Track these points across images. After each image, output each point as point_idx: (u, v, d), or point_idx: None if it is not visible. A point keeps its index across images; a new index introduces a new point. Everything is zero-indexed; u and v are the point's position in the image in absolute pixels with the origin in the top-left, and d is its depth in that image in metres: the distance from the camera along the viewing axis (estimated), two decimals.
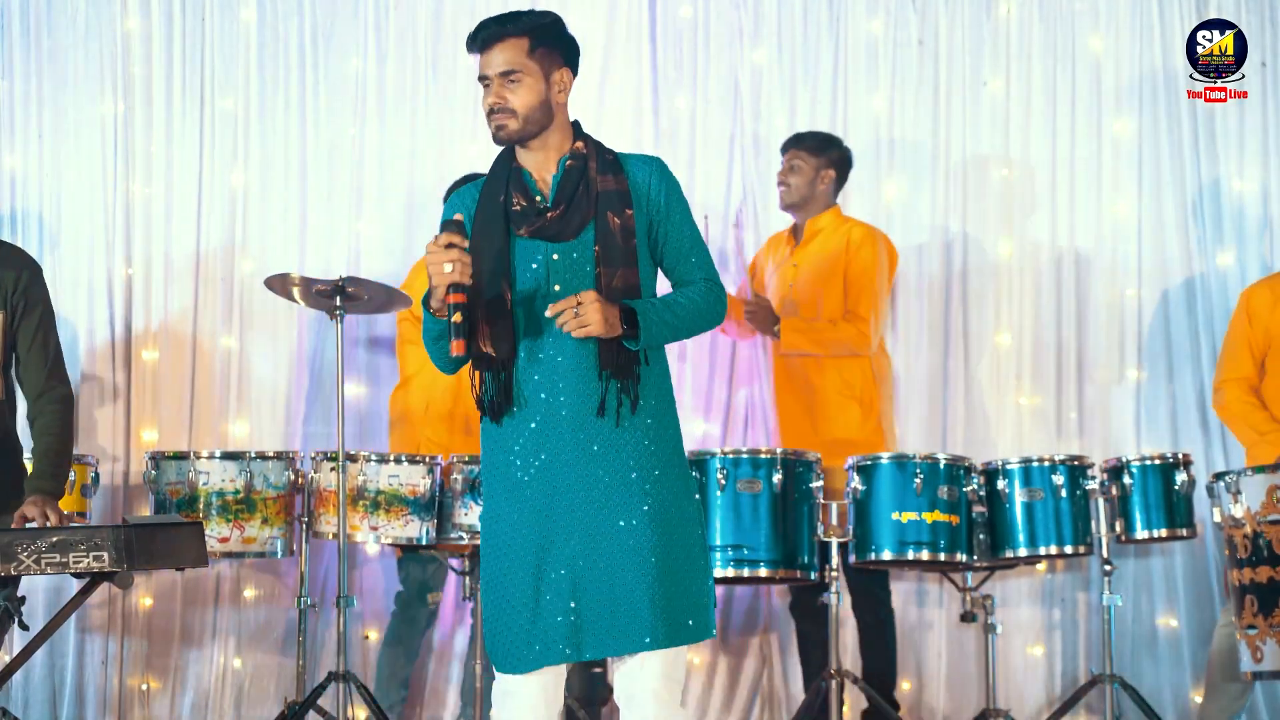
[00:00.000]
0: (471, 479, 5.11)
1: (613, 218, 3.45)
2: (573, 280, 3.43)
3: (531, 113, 3.49)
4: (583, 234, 3.46)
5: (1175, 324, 6.21)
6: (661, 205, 3.52)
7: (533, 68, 3.49)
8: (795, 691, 5.98)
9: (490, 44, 3.48)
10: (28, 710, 5.98)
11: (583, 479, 3.39)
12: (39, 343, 4.19)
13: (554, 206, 3.46)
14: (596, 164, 3.50)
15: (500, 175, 3.53)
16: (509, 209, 3.47)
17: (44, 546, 3.74)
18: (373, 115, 6.34)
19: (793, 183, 5.75)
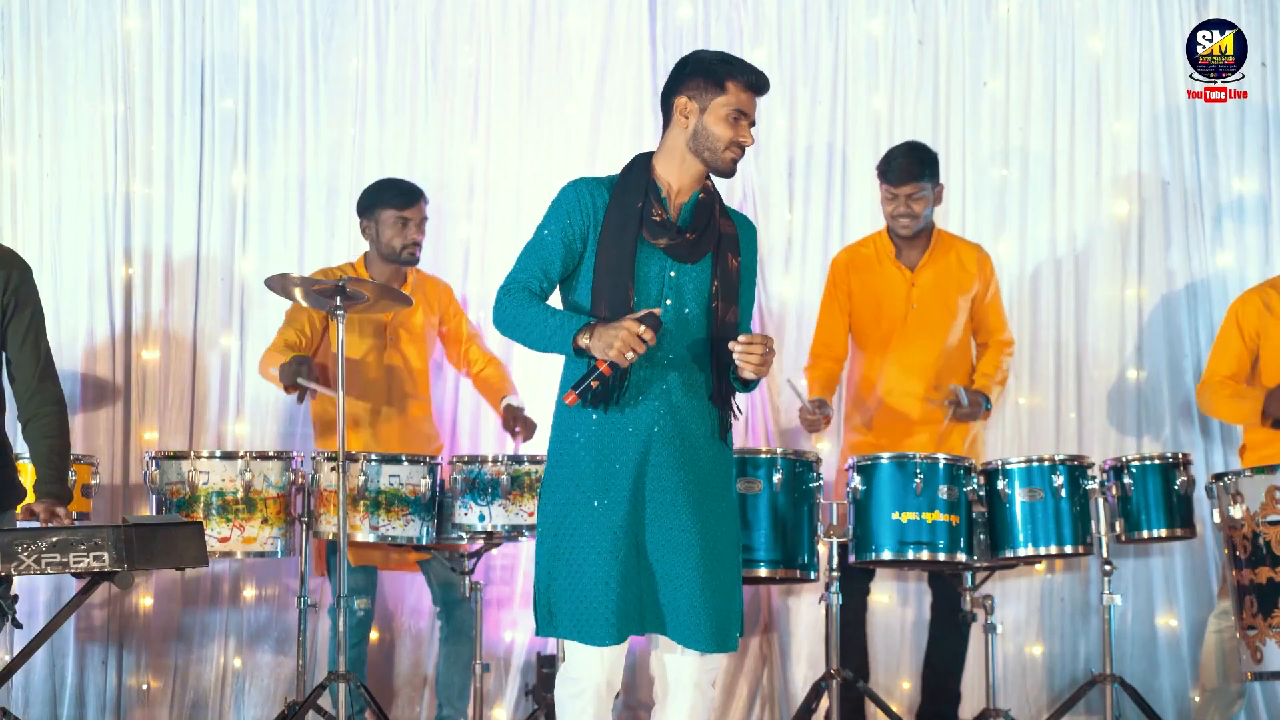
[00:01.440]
0: (471, 479, 5.11)
1: (731, 259, 3.77)
2: (682, 300, 3.72)
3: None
4: (700, 263, 3.75)
5: (1175, 324, 6.22)
6: (746, 267, 3.83)
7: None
8: (795, 691, 5.99)
9: (762, 93, 3.79)
10: (28, 710, 5.98)
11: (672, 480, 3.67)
12: (30, 344, 4.18)
13: (691, 230, 3.74)
14: (720, 207, 3.82)
15: (637, 183, 3.77)
16: (647, 216, 3.71)
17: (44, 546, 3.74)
18: (373, 115, 6.34)
19: (920, 211, 5.59)
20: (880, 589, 6.10)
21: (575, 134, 6.29)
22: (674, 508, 3.66)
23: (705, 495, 3.70)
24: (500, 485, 5.06)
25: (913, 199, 5.58)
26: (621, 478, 3.66)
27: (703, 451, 3.73)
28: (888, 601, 6.12)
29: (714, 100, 3.73)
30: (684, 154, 3.77)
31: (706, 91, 3.74)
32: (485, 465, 5.10)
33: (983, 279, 5.68)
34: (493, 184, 6.31)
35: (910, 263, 5.64)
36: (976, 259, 5.70)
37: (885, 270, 5.67)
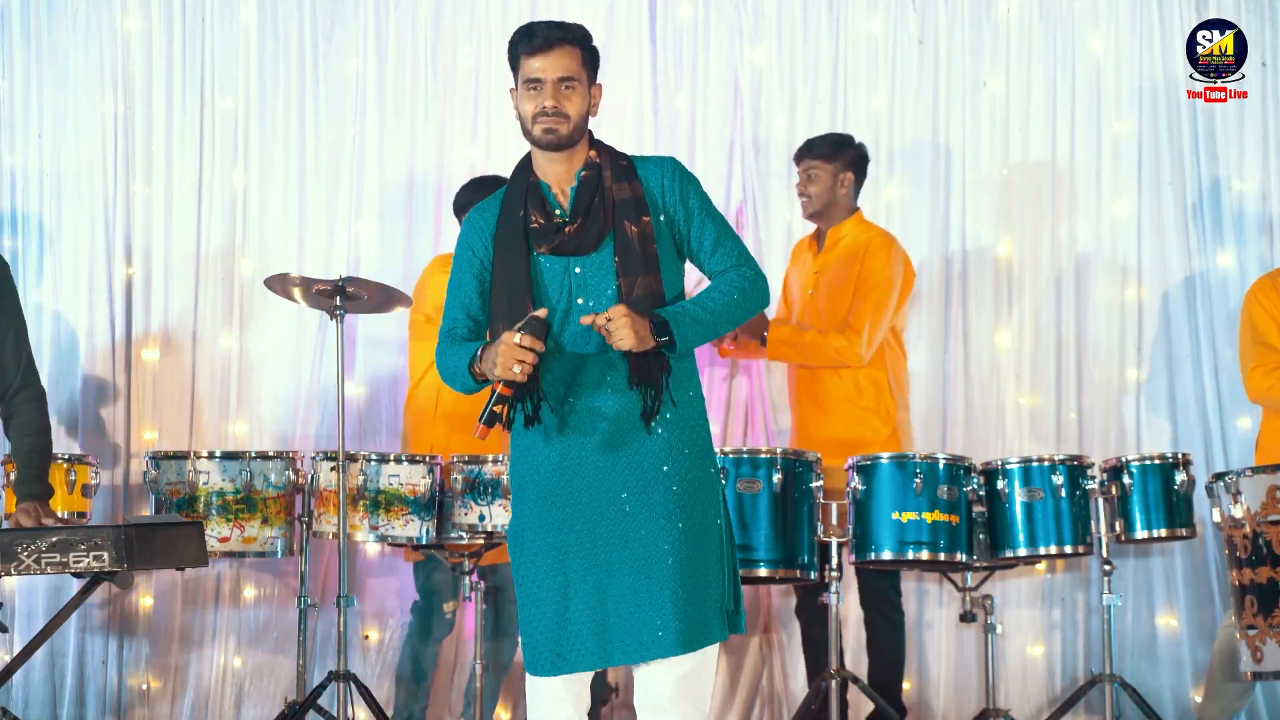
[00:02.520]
0: (471, 479, 5.11)
1: (629, 226, 3.47)
2: (596, 292, 3.47)
3: (580, 121, 3.54)
4: (603, 245, 3.49)
5: (1175, 324, 6.21)
6: (679, 205, 3.55)
7: (584, 78, 3.54)
8: (795, 691, 5.98)
9: (550, 47, 3.50)
10: (28, 710, 5.98)
11: (608, 485, 3.46)
12: (11, 342, 4.18)
13: (571, 220, 3.50)
14: (611, 172, 3.53)
15: (518, 191, 3.57)
16: (528, 226, 3.51)
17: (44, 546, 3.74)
18: (373, 115, 6.34)
19: (813, 192, 5.62)
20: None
21: None
22: (612, 513, 3.44)
23: (643, 491, 3.44)
24: (500, 485, 5.06)
25: (807, 177, 5.63)
26: (550, 495, 3.47)
27: (636, 444, 3.46)
28: None
29: (518, 81, 3.57)
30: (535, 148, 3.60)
31: (515, 79, 3.58)
32: (485, 465, 5.10)
33: (865, 264, 5.55)
34: None
35: (819, 248, 5.71)
36: (870, 245, 5.59)
37: (803, 255, 5.77)
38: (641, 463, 3.47)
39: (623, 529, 3.44)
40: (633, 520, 3.44)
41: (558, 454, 3.48)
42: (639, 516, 3.44)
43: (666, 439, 3.48)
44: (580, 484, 3.47)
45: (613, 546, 3.44)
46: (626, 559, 3.42)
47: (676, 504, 3.45)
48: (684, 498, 3.47)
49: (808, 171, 5.64)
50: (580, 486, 3.47)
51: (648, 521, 3.44)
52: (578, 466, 3.47)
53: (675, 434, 3.49)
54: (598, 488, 3.46)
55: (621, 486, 3.45)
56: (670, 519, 3.44)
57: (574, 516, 3.46)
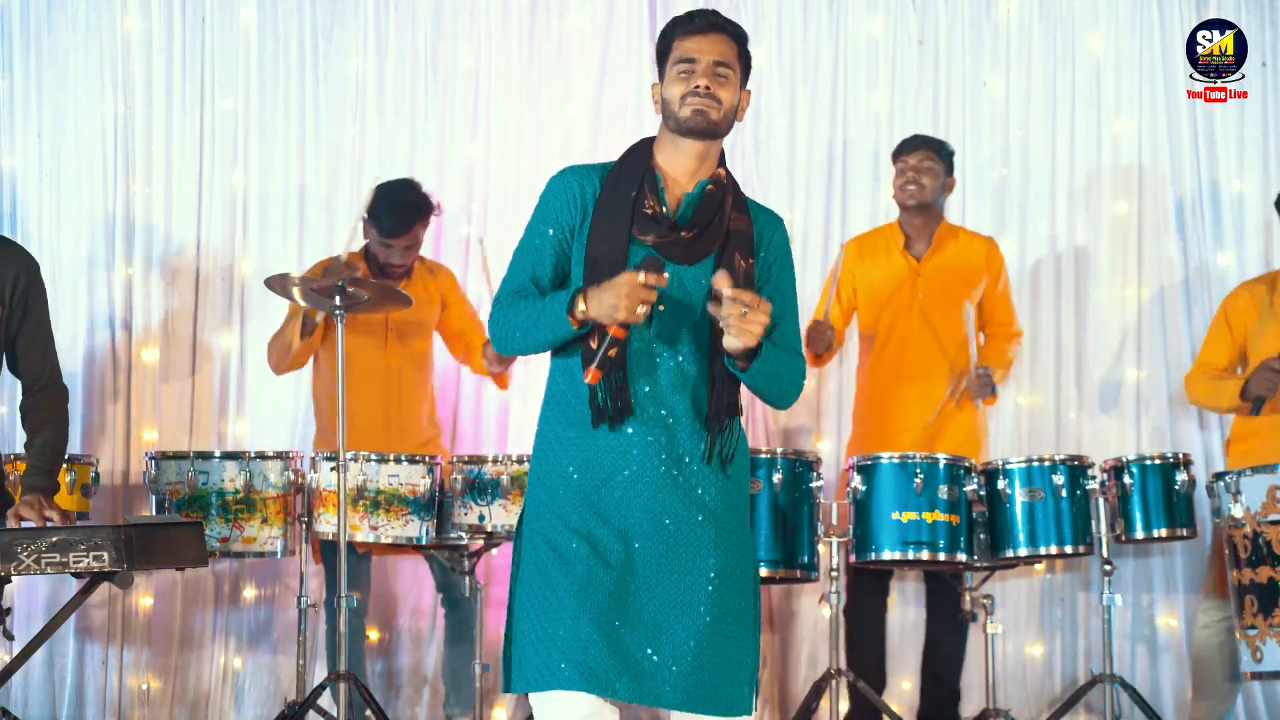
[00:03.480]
0: (471, 479, 5.10)
1: (740, 259, 3.29)
2: (679, 305, 3.27)
3: (729, 112, 3.32)
4: (700, 265, 3.29)
5: (1175, 324, 6.22)
6: (774, 263, 3.38)
7: (738, 71, 3.34)
8: (795, 691, 5.99)
9: (710, 31, 3.32)
10: (28, 710, 5.98)
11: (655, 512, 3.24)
12: (39, 345, 4.23)
13: (688, 228, 3.29)
14: (732, 200, 3.35)
15: (634, 170, 3.35)
16: (639, 209, 3.30)
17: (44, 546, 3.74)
18: (373, 115, 6.34)
19: (926, 183, 5.57)
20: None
21: (575, 134, 6.29)
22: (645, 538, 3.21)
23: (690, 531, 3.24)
24: (500, 485, 5.06)
25: (921, 168, 5.59)
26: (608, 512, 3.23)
27: (704, 482, 3.27)
28: (888, 601, 6.11)
29: (666, 66, 3.35)
30: (668, 137, 3.36)
31: (663, 64, 3.37)
32: (485, 465, 5.10)
33: (991, 271, 5.67)
34: (493, 184, 6.31)
35: (918, 253, 5.65)
36: (985, 250, 5.69)
37: (892, 259, 5.67)
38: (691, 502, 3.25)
39: (661, 559, 3.22)
40: (674, 552, 3.22)
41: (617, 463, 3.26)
42: (687, 554, 3.22)
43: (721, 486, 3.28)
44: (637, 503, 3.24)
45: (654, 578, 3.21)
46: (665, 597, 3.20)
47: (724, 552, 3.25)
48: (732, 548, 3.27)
49: (922, 162, 5.60)
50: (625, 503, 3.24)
51: (689, 558, 3.23)
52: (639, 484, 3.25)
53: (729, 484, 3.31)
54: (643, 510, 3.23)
55: (666, 519, 3.23)
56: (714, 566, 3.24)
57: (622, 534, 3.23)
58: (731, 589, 3.26)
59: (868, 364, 5.70)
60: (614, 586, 3.19)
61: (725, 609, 3.24)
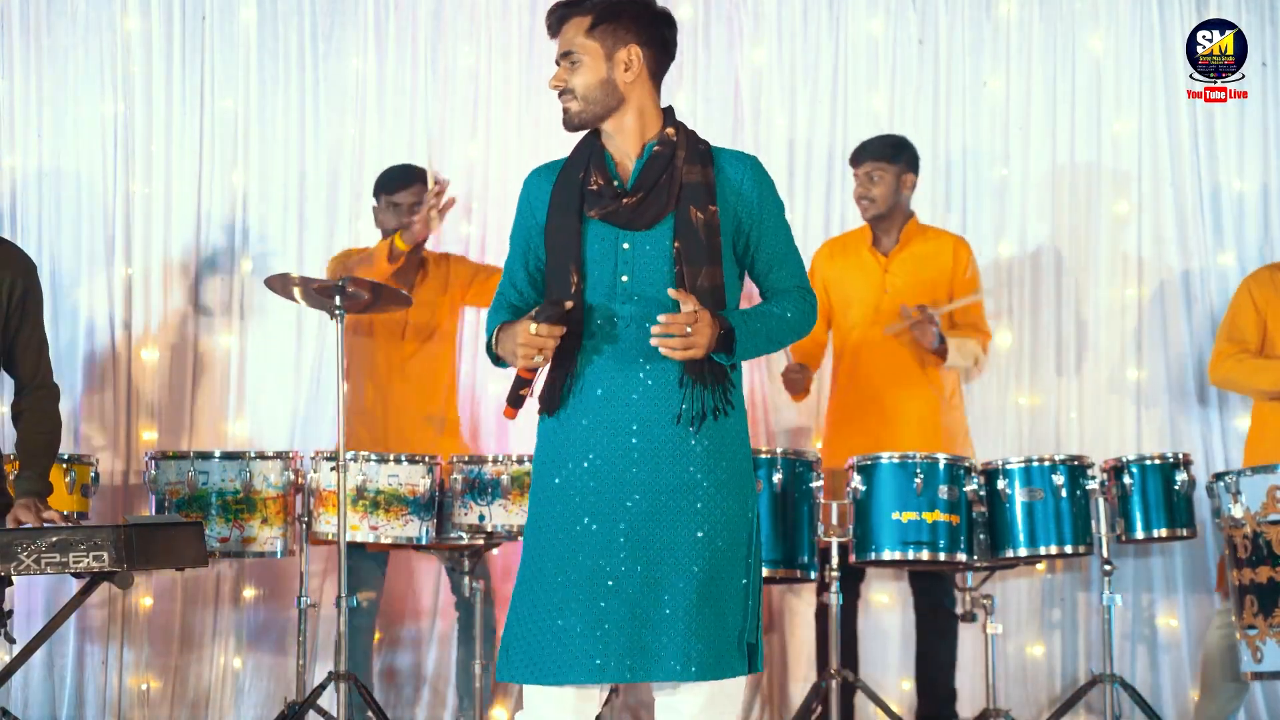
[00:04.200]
0: (471, 479, 5.10)
1: (695, 212, 3.24)
2: (642, 274, 3.25)
3: (590, 93, 3.29)
4: (658, 225, 3.27)
5: (1175, 324, 6.21)
6: (754, 206, 3.32)
7: (591, 46, 3.29)
8: (795, 691, 5.98)
9: (556, 27, 3.35)
10: (28, 710, 5.98)
11: (638, 486, 3.21)
12: (34, 346, 4.23)
13: (632, 192, 3.27)
14: (685, 153, 3.30)
15: (583, 154, 3.36)
16: (585, 188, 3.30)
17: (44, 546, 3.74)
18: (373, 115, 6.34)
19: (877, 194, 5.57)
20: (879, 589, 6.10)
21: (575, 133, 6.27)
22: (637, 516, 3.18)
23: (671, 499, 3.19)
24: (500, 485, 5.06)
25: (869, 179, 5.58)
26: (568, 490, 3.22)
27: (671, 448, 3.21)
28: (887, 601, 6.12)
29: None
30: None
31: None
32: (485, 465, 5.10)
33: (958, 267, 5.63)
34: (492, 184, 6.31)
35: (885, 250, 5.65)
36: (953, 247, 5.66)
37: (861, 257, 5.68)
38: (675, 469, 3.21)
39: (645, 537, 3.18)
40: (657, 529, 3.19)
41: (583, 446, 3.23)
42: (664, 526, 3.19)
43: (706, 448, 3.23)
44: (603, 482, 3.22)
45: (631, 554, 3.19)
46: (645, 571, 3.17)
47: (706, 519, 3.20)
48: (715, 514, 3.22)
49: (870, 174, 5.59)
50: (603, 484, 3.22)
51: (673, 533, 3.19)
52: (603, 462, 3.22)
53: (715, 444, 3.24)
54: (622, 488, 3.20)
55: (649, 491, 3.20)
56: (697, 534, 3.19)
57: (591, 515, 3.21)
58: (718, 552, 3.22)
59: (842, 363, 5.69)
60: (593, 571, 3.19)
61: (713, 574, 3.20)
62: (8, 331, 4.19)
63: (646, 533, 3.20)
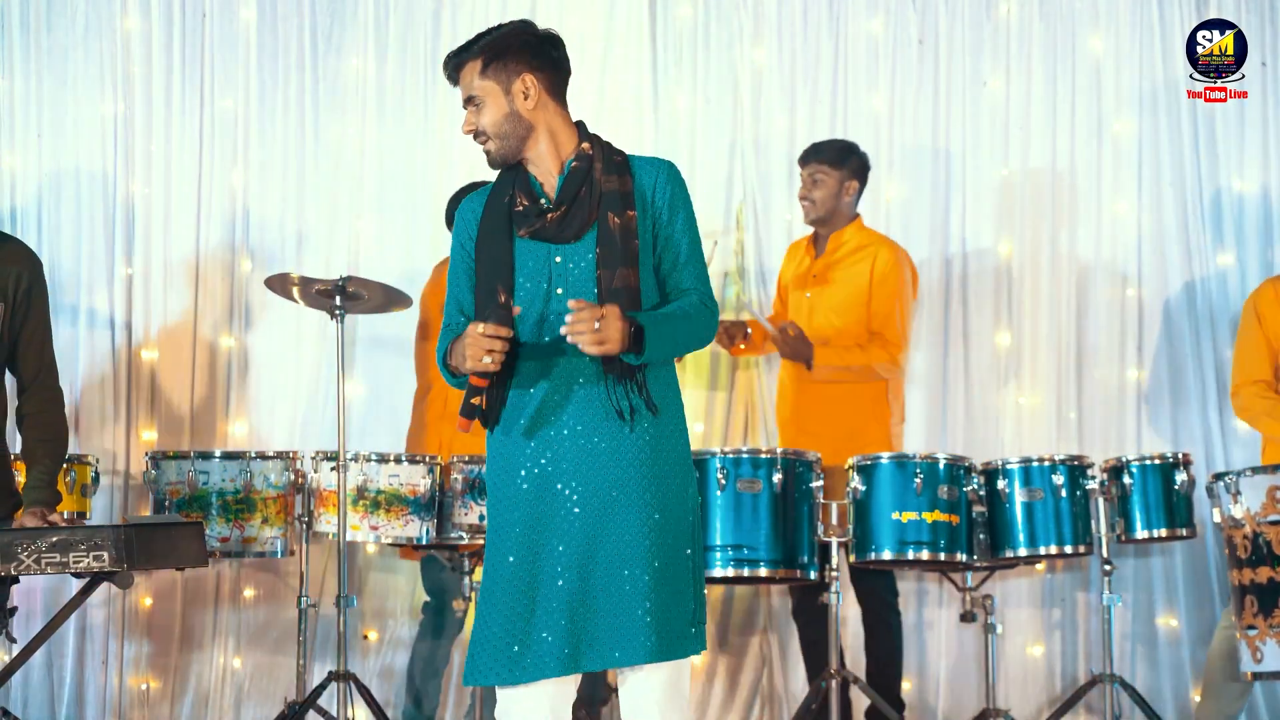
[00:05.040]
0: (471, 479, 5.11)
1: (613, 218, 3.40)
2: (574, 283, 3.39)
3: (499, 129, 3.48)
4: (586, 236, 3.41)
5: (1175, 324, 6.22)
6: (664, 209, 3.47)
7: (488, 86, 3.49)
8: (795, 691, 5.99)
9: (453, 75, 3.54)
10: (27, 710, 5.98)
11: (583, 485, 3.36)
12: (37, 344, 4.21)
13: (556, 207, 3.42)
14: (602, 165, 3.45)
15: (507, 178, 3.51)
16: (512, 209, 3.45)
17: (44, 546, 3.74)
18: (373, 115, 6.34)
19: (817, 197, 5.62)
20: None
21: None
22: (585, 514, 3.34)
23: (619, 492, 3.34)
24: None
25: (811, 181, 5.63)
26: (530, 495, 3.37)
27: (612, 445, 3.37)
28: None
29: None
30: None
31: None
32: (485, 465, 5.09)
33: (876, 271, 5.59)
34: None
35: (818, 252, 5.71)
36: (875, 250, 5.62)
37: (799, 258, 5.77)
38: (616, 466, 3.36)
39: (594, 533, 3.34)
40: (605, 524, 3.34)
41: (530, 453, 3.38)
42: (612, 520, 3.34)
43: (645, 442, 3.38)
44: (553, 484, 3.36)
45: (585, 550, 3.33)
46: (600, 563, 3.33)
47: (652, 510, 3.36)
48: (657, 506, 3.37)
49: (813, 176, 5.64)
50: (551, 488, 3.37)
51: (621, 526, 3.34)
52: (550, 464, 3.37)
53: (654, 438, 3.40)
54: (569, 489, 3.36)
55: (595, 488, 3.35)
56: (643, 526, 3.34)
57: (543, 519, 3.36)
58: (665, 541, 3.37)
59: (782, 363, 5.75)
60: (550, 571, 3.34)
61: (662, 561, 3.35)
62: (13, 326, 4.17)
63: (596, 529, 3.35)
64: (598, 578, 3.33)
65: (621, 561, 3.33)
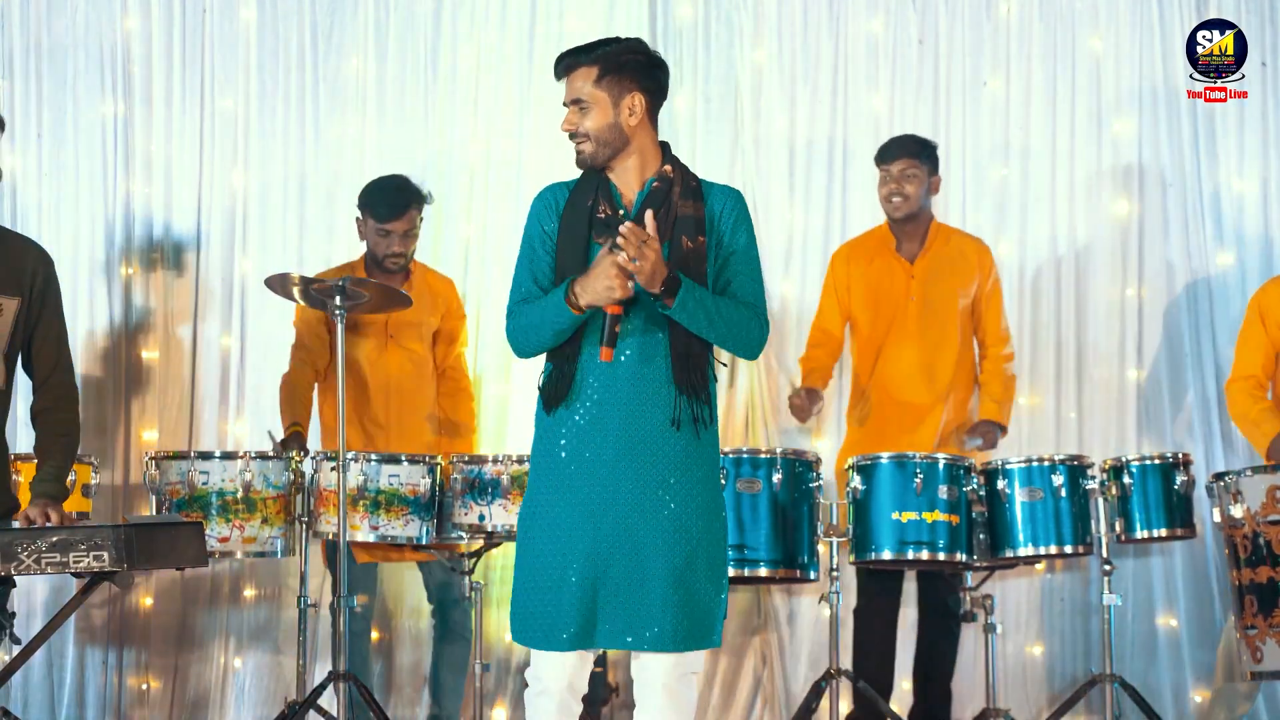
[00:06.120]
0: (471, 479, 5.11)
1: (686, 241, 3.60)
2: (640, 297, 3.53)
3: (601, 134, 3.63)
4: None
5: (1175, 324, 6.22)
6: (728, 232, 3.67)
7: (599, 95, 3.63)
8: (795, 691, 5.99)
9: (563, 75, 3.67)
10: (28, 710, 5.98)
11: (625, 479, 3.56)
12: (53, 340, 4.23)
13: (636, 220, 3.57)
14: (680, 189, 3.65)
15: (591, 182, 3.68)
16: (594, 215, 3.63)
17: (44, 546, 3.75)
18: (373, 115, 6.34)
19: (910, 192, 5.58)
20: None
21: None
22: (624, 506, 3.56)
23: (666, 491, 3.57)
24: (500, 485, 5.06)
25: (905, 177, 5.59)
26: (576, 480, 3.59)
27: (665, 445, 3.59)
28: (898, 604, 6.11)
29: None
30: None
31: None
32: (485, 465, 5.10)
33: (983, 271, 5.67)
34: (493, 184, 6.31)
35: (910, 254, 5.65)
36: (977, 251, 5.69)
37: (885, 262, 5.67)
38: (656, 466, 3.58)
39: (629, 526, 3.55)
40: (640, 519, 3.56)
41: (577, 442, 3.59)
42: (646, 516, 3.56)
43: (683, 449, 3.60)
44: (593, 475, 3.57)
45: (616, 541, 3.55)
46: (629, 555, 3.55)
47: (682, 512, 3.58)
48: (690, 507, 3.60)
49: (905, 171, 5.59)
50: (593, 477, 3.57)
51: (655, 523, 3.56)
52: (595, 454, 3.57)
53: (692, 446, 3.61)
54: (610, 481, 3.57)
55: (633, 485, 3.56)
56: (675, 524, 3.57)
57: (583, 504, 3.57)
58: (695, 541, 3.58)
59: (867, 367, 5.68)
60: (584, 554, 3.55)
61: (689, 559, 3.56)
62: (29, 321, 4.18)
63: (630, 523, 3.56)
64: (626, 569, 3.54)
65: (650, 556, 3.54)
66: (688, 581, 3.54)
